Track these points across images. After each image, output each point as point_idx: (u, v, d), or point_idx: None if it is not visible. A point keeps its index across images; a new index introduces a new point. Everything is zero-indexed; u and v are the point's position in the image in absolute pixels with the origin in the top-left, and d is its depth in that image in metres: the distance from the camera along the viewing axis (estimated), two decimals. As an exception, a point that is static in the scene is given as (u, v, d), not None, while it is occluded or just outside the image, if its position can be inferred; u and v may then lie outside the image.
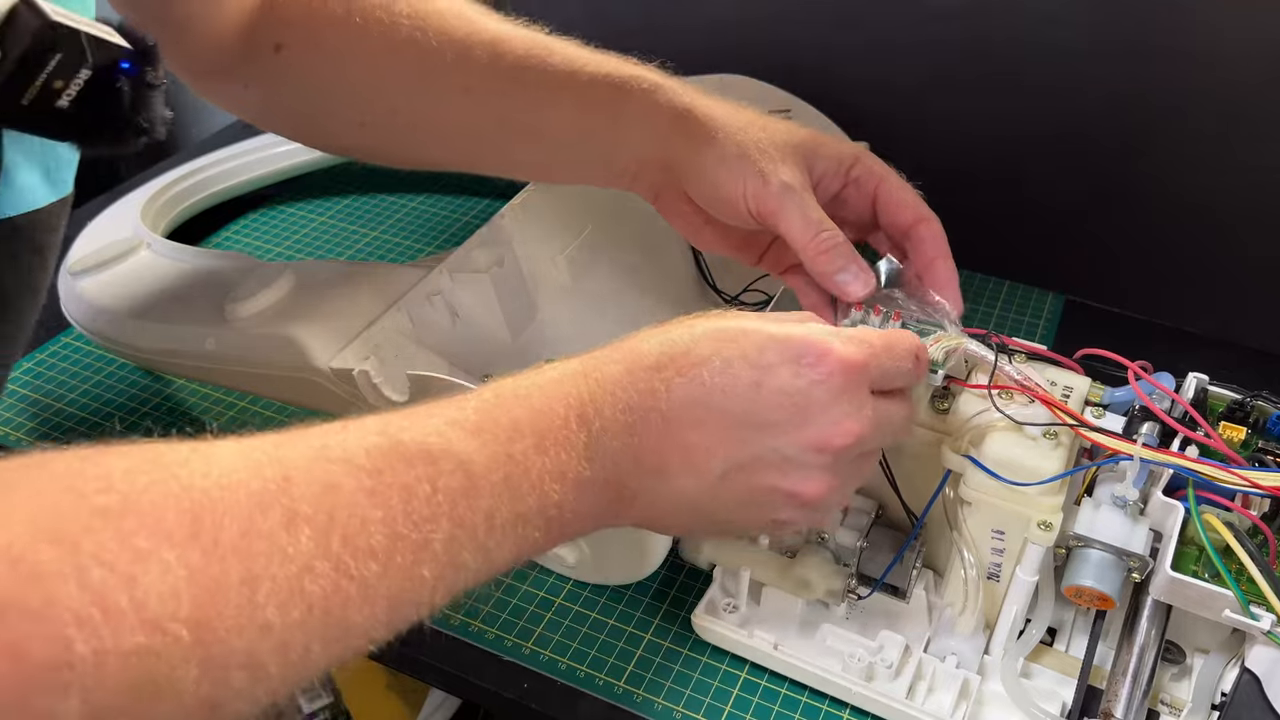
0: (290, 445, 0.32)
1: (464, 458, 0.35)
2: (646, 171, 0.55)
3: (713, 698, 0.51)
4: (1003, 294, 0.78)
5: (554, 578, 0.56)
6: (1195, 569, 0.45)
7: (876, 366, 0.42)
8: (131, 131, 0.36)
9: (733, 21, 0.78)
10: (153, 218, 0.75)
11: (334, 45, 0.55)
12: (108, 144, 0.36)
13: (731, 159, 0.51)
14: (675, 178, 0.54)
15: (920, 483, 0.51)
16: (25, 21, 0.32)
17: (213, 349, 0.62)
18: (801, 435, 0.41)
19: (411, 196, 0.87)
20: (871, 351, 0.42)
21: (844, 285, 0.50)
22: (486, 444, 0.36)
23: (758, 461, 0.41)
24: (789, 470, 0.41)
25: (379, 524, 0.32)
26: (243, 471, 0.30)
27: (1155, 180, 0.71)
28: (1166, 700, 0.49)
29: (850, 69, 0.75)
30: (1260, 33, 0.63)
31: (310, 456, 0.32)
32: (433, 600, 0.34)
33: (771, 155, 0.51)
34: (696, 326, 0.42)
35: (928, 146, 0.76)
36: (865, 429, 0.42)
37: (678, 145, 0.53)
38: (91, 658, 0.25)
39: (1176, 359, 0.54)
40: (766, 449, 0.41)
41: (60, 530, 0.26)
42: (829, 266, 0.50)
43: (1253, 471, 0.44)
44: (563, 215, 0.66)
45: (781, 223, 0.51)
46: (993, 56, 0.71)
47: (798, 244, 0.50)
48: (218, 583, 0.28)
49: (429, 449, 0.34)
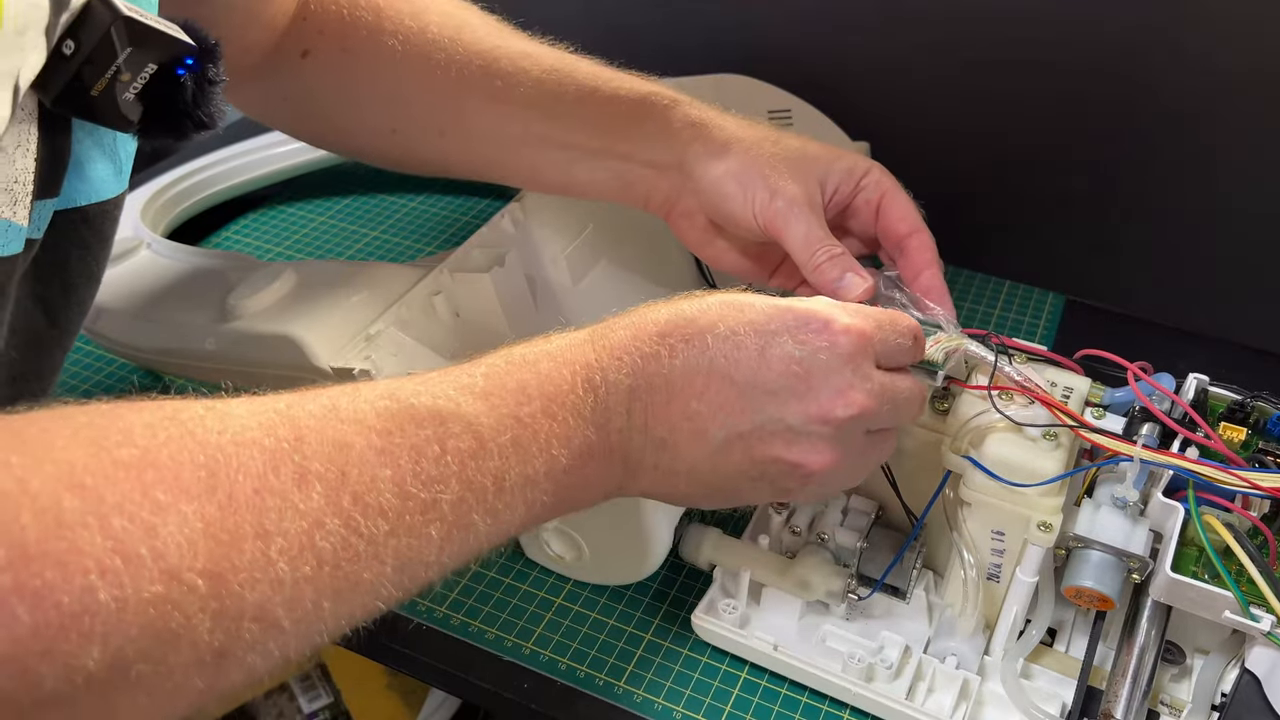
0: (301, 405, 0.33)
1: (472, 419, 0.35)
2: (661, 184, 0.56)
3: (713, 698, 0.51)
4: (1003, 294, 0.78)
5: (554, 578, 0.56)
6: (1195, 570, 0.45)
7: (880, 339, 0.43)
8: (192, 124, 0.37)
9: (733, 21, 0.78)
10: (153, 218, 0.75)
11: (363, 53, 0.56)
12: (168, 135, 0.38)
13: (742, 172, 0.53)
14: (688, 190, 0.56)
15: (920, 483, 0.51)
16: (100, 16, 0.33)
17: (213, 349, 0.62)
18: (805, 404, 0.41)
19: (411, 196, 0.87)
20: (876, 323, 0.43)
21: (841, 291, 0.51)
22: (495, 407, 0.36)
23: (760, 430, 0.41)
24: (792, 440, 0.41)
25: (388, 482, 0.32)
26: (256, 430, 0.31)
27: (1155, 180, 0.71)
28: (1166, 701, 0.49)
29: (850, 69, 0.75)
30: (1260, 32, 0.63)
31: (321, 416, 0.33)
32: (441, 560, 0.34)
33: (780, 170, 0.53)
34: (706, 298, 0.43)
35: (928, 146, 0.76)
36: (870, 401, 0.42)
37: (692, 158, 0.54)
38: (113, 605, 0.26)
39: (1176, 359, 0.54)
40: (769, 417, 0.41)
41: (83, 481, 0.27)
42: (827, 276, 0.51)
43: (1253, 472, 0.44)
44: (563, 215, 0.66)
45: (784, 235, 0.52)
46: (992, 56, 0.71)
47: (798, 256, 0.52)
48: (233, 536, 0.28)
49: (439, 411, 0.35)
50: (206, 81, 0.37)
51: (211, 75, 0.37)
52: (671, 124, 0.55)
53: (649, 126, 0.55)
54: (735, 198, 0.53)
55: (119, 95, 0.35)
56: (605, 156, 0.56)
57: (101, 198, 0.40)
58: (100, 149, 0.39)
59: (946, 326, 0.49)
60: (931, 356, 0.47)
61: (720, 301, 0.42)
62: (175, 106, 0.37)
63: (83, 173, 0.38)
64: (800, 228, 0.52)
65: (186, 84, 0.36)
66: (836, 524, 0.53)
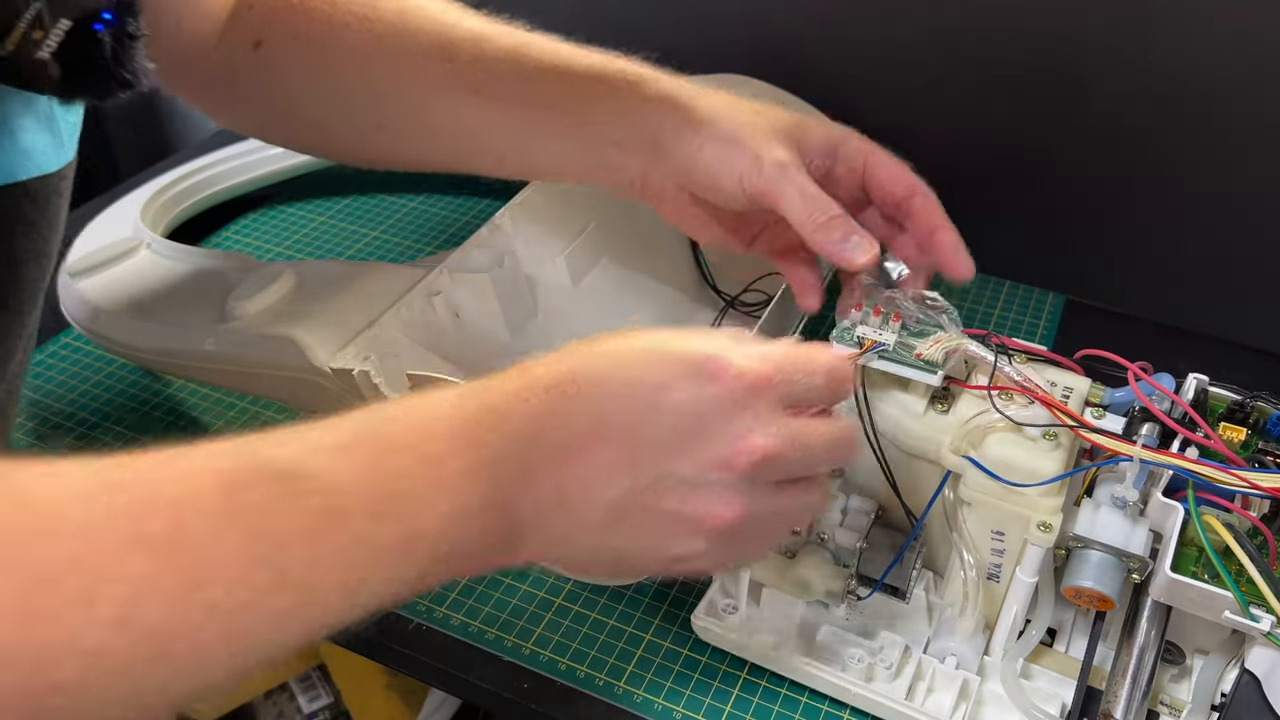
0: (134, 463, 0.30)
1: (329, 476, 0.32)
2: (634, 161, 0.54)
3: (713, 698, 0.51)
4: (1003, 294, 0.78)
5: (554, 578, 0.56)
6: (1195, 570, 0.45)
7: (784, 381, 0.40)
8: (116, 84, 0.36)
9: (733, 22, 0.78)
10: (153, 218, 0.76)
11: (315, 38, 0.54)
12: (92, 95, 0.36)
13: (724, 142, 0.51)
14: (665, 165, 0.53)
15: (920, 483, 0.51)
16: None
17: (213, 349, 0.62)
18: (701, 453, 0.38)
19: (411, 196, 0.87)
20: (777, 365, 0.40)
21: (847, 253, 0.49)
22: (358, 462, 0.33)
23: (657, 485, 0.38)
24: (689, 494, 0.38)
25: (232, 546, 0.30)
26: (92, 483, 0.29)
27: (1156, 180, 0.71)
28: (1166, 701, 0.49)
29: (850, 69, 0.75)
30: (1261, 32, 0.63)
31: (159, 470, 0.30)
32: (285, 640, 0.31)
33: (763, 136, 0.51)
34: (597, 347, 0.40)
35: (928, 147, 0.76)
36: (773, 446, 0.39)
37: (668, 132, 0.52)
38: None
39: (1176, 359, 0.54)
40: (665, 471, 0.38)
41: None
42: (830, 237, 0.49)
43: (1252, 473, 0.44)
44: (563, 215, 0.66)
45: (780, 201, 0.50)
46: (993, 57, 0.71)
47: (797, 220, 0.50)
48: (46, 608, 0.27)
49: (293, 468, 0.32)
50: (126, 36, 0.35)
51: (131, 30, 0.35)
52: (641, 98, 0.52)
53: (619, 102, 0.53)
54: (719, 168, 0.51)
55: (33, 54, 0.33)
56: (572, 137, 0.54)
57: (43, 171, 0.39)
58: (35, 117, 0.38)
59: (948, 325, 0.49)
60: (931, 356, 0.47)
61: (612, 351, 0.39)
62: (95, 64, 0.35)
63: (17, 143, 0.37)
64: (795, 191, 0.50)
65: (105, 40, 0.35)
66: (836, 524, 0.53)
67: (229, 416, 0.66)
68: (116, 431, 0.64)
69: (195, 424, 0.65)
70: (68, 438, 0.64)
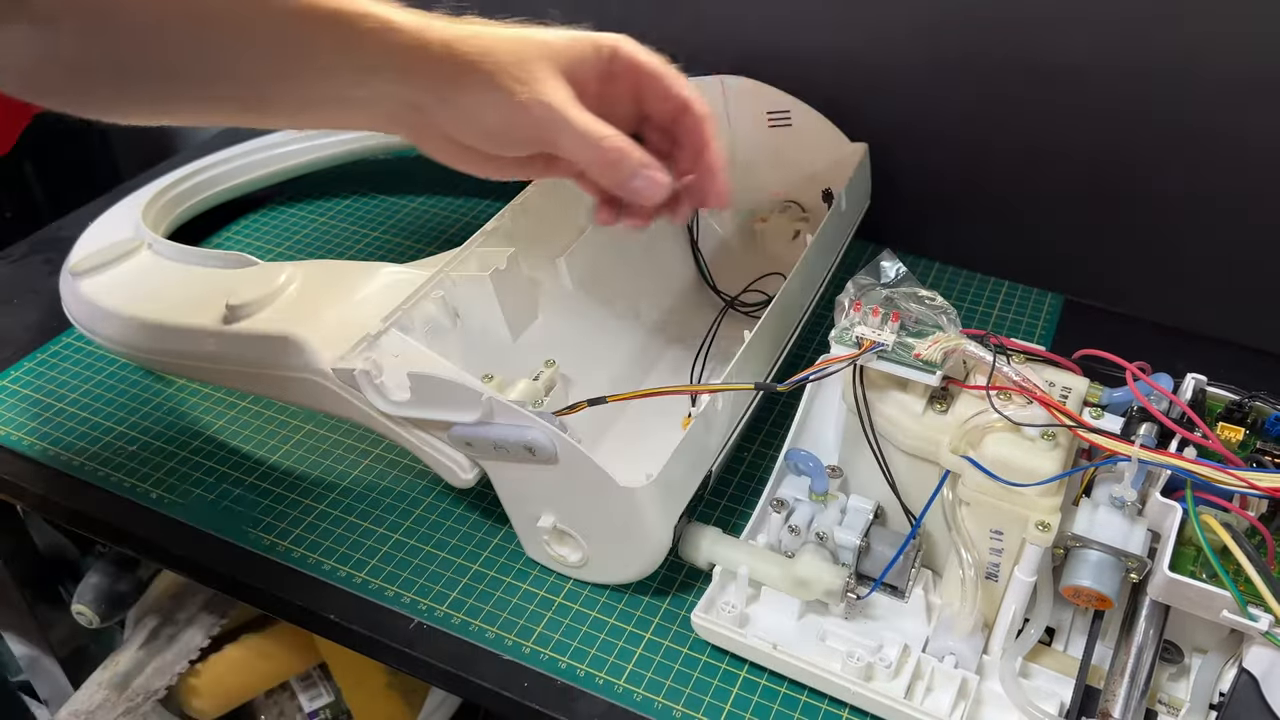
0: None
1: None
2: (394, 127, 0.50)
3: (713, 697, 0.51)
4: (1002, 294, 0.78)
5: (554, 577, 0.57)
6: (1193, 569, 0.45)
7: None
8: None
9: (733, 22, 0.78)
10: (154, 218, 0.76)
11: None
12: None
13: (485, 94, 0.47)
14: (430, 121, 0.49)
15: (919, 483, 0.52)
16: None
17: (213, 349, 0.62)
18: None
19: (411, 197, 0.87)
20: None
21: (638, 192, 0.48)
22: None
23: None
24: None
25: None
26: None
27: (1155, 180, 0.71)
28: (1164, 700, 0.49)
29: (850, 70, 0.76)
30: (1260, 32, 0.63)
31: None
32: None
33: (524, 76, 0.47)
34: None
35: (927, 147, 0.76)
36: None
37: (423, 90, 0.47)
38: None
39: (1175, 359, 0.54)
40: None
41: None
42: (615, 177, 0.48)
43: (1250, 472, 0.44)
44: (563, 215, 0.66)
45: (556, 144, 0.48)
46: (992, 58, 0.71)
47: (582, 161, 0.48)
48: None
49: None
50: None
51: None
52: (385, 51, 0.46)
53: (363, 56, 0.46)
54: (486, 122, 0.48)
55: None
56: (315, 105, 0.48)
57: None
58: None
59: (947, 325, 0.49)
60: (930, 356, 0.48)
61: None
62: None
63: None
64: (568, 133, 0.47)
65: None
66: (835, 523, 0.53)
67: (229, 416, 0.66)
68: (117, 431, 0.64)
69: (196, 424, 0.65)
70: (68, 437, 0.64)
